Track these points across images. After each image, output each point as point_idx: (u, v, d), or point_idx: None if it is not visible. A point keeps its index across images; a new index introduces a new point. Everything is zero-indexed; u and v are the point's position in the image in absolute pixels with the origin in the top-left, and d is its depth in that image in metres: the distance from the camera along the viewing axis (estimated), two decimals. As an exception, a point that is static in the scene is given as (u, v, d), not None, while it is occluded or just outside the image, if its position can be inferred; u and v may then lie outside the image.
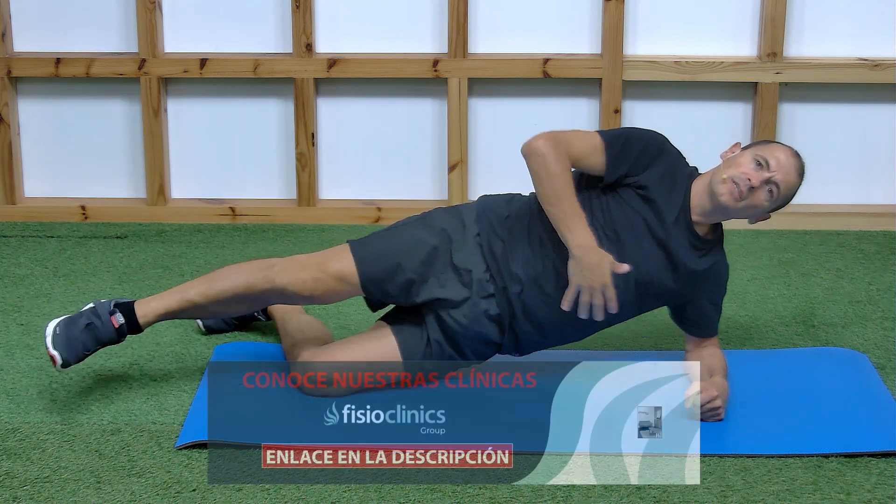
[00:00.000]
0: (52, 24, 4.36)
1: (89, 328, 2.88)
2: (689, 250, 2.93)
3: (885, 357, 3.28)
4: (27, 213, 4.40)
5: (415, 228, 2.99)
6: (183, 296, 2.92)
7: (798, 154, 2.93)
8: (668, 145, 2.96)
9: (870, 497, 2.59)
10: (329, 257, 2.95)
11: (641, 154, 2.91)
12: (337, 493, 2.58)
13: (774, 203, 2.91)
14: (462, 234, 2.96)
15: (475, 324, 2.92)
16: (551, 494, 2.58)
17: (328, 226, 4.36)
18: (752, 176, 2.86)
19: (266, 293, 2.91)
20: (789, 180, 2.89)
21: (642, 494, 2.58)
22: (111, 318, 2.90)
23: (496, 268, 2.92)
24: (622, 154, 2.90)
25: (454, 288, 2.92)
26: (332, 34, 4.36)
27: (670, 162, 2.94)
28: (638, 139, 2.94)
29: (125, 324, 2.91)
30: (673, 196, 2.92)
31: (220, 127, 4.44)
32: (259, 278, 2.89)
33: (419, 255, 2.93)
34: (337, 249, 2.99)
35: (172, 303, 2.92)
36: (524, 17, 4.35)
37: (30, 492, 2.59)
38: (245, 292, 2.90)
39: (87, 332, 2.88)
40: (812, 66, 4.28)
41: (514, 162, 4.44)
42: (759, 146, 2.94)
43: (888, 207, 4.39)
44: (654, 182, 2.91)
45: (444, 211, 3.04)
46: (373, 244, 2.98)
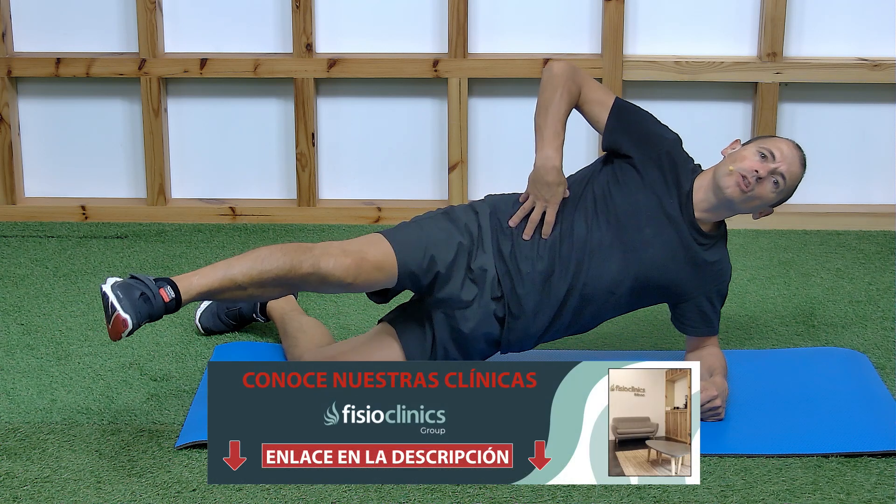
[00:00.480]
0: (52, 24, 4.36)
1: (143, 299, 2.65)
2: (692, 245, 2.94)
3: (885, 357, 3.28)
4: (27, 213, 4.40)
5: (442, 222, 2.97)
6: (226, 274, 2.74)
7: (799, 146, 2.95)
8: (678, 144, 2.99)
9: (870, 497, 2.59)
10: (367, 245, 2.87)
11: (646, 136, 2.95)
12: (337, 493, 2.58)
13: (780, 195, 2.91)
14: (480, 235, 2.97)
15: (482, 325, 2.92)
16: (551, 494, 2.58)
17: (328, 226, 4.36)
18: (758, 167, 2.87)
19: (306, 277, 2.78)
20: (794, 171, 2.91)
21: (642, 494, 2.58)
22: (161, 292, 2.68)
23: (504, 269, 2.93)
24: (626, 125, 2.96)
25: (468, 288, 2.92)
26: (332, 34, 4.36)
27: (674, 156, 2.95)
28: (648, 121, 3.00)
29: (174, 300, 2.69)
30: (677, 188, 2.92)
31: (220, 127, 4.44)
32: (303, 260, 2.76)
33: (451, 248, 2.91)
34: (371, 239, 2.90)
35: (216, 281, 2.74)
36: (524, 17, 4.35)
37: (30, 492, 2.59)
38: (287, 275, 2.75)
39: (142, 302, 2.65)
40: (812, 66, 4.28)
41: (514, 162, 4.45)
42: (761, 140, 2.96)
43: (888, 207, 4.39)
44: (653, 170, 2.92)
45: (462, 209, 3.03)
46: (407, 235, 2.92)
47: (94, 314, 3.53)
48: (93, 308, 3.58)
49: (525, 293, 2.91)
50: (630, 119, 2.99)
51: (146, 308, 2.64)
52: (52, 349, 3.30)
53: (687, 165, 2.97)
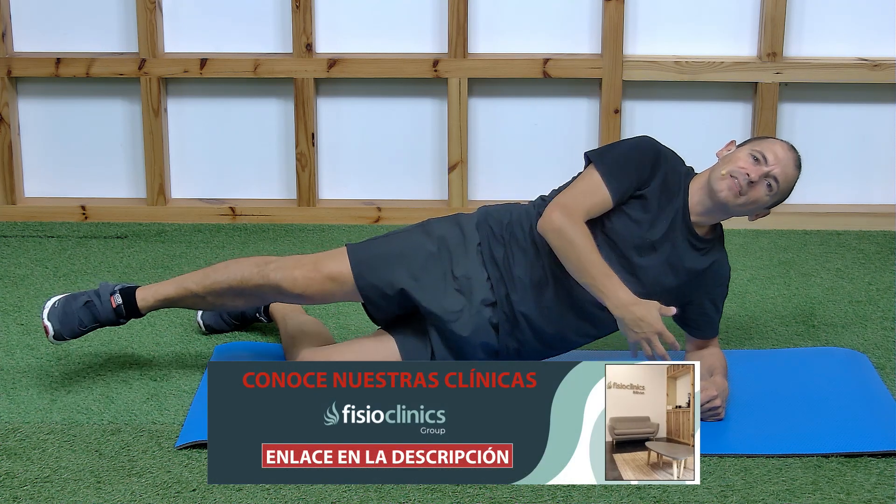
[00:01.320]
0: (52, 24, 4.36)
1: (87, 305, 2.94)
2: (689, 250, 2.93)
3: (885, 357, 3.28)
4: (27, 213, 4.40)
5: (413, 234, 3.00)
6: (181, 284, 2.98)
7: (793, 147, 2.94)
8: (661, 147, 2.96)
9: (870, 497, 2.59)
10: (325, 257, 2.98)
11: (640, 167, 2.90)
12: (337, 493, 2.58)
13: (774, 197, 2.91)
14: (462, 244, 2.96)
15: (477, 334, 2.92)
16: (551, 494, 2.58)
17: (328, 226, 4.36)
18: (750, 171, 2.86)
19: (260, 288, 2.95)
20: (787, 173, 2.89)
21: (642, 494, 2.58)
22: (110, 298, 2.96)
23: (497, 274, 2.93)
24: (622, 178, 2.88)
25: (452, 299, 2.91)
26: (332, 34, 4.36)
27: (668, 165, 2.94)
28: (631, 156, 2.91)
29: (123, 304, 2.96)
30: (673, 202, 2.91)
31: (220, 127, 4.44)
32: (254, 273, 2.94)
33: (417, 259, 2.93)
34: (334, 251, 3.01)
35: (171, 290, 2.98)
36: (524, 17, 4.35)
37: (30, 492, 2.59)
38: (240, 285, 2.94)
39: (85, 308, 2.94)
40: (812, 66, 4.28)
41: (514, 162, 4.45)
42: (755, 142, 2.95)
43: (888, 207, 4.39)
44: (654, 193, 2.91)
45: (442, 220, 3.04)
46: (370, 247, 2.98)
47: (94, 314, 3.54)
48: (93, 308, 3.58)
49: (518, 299, 2.91)
50: (622, 172, 2.89)
51: (89, 313, 2.93)
52: (52, 349, 3.29)
53: (680, 168, 2.95)
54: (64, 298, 2.96)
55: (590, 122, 4.38)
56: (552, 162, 4.38)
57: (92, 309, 2.95)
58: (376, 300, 2.95)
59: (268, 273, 2.93)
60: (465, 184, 4.38)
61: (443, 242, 2.96)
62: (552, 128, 4.40)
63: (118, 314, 2.97)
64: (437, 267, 2.93)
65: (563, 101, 4.38)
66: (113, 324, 2.98)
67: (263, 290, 2.95)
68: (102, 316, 2.96)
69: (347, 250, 2.98)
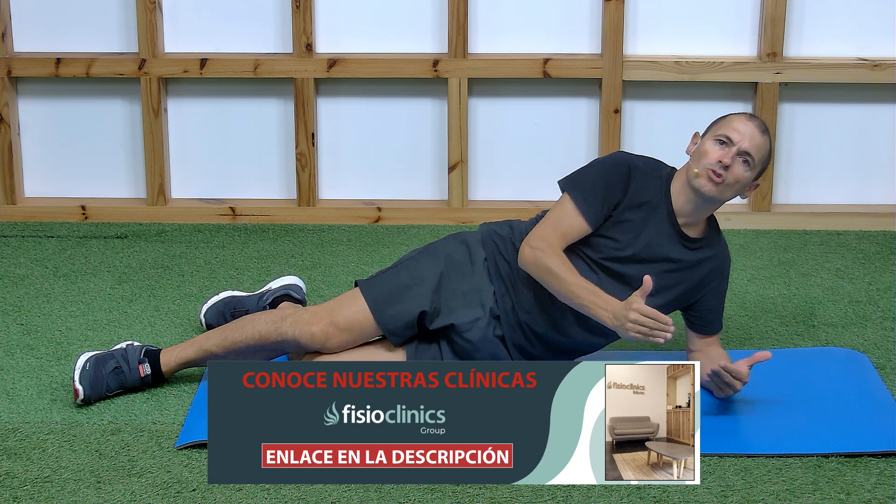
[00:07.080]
0: (52, 24, 4.36)
1: (116, 372, 3.00)
2: (684, 252, 2.94)
3: (885, 357, 3.28)
4: (27, 213, 4.40)
5: (420, 260, 3.02)
6: (202, 346, 3.03)
7: (753, 115, 2.93)
8: (633, 160, 2.95)
9: (870, 497, 2.59)
10: (339, 305, 2.98)
11: (612, 187, 2.90)
12: (337, 493, 2.58)
13: (755, 169, 2.89)
14: (469, 260, 2.99)
15: (485, 344, 2.93)
16: (551, 494, 2.58)
17: (328, 226, 4.36)
18: (720, 156, 2.86)
19: (280, 344, 2.99)
20: (757, 143, 2.87)
21: (642, 494, 2.58)
22: (139, 367, 3.02)
23: (503, 289, 2.95)
24: (595, 202, 2.89)
25: (464, 311, 2.95)
26: (332, 34, 4.36)
27: (643, 177, 2.93)
28: (602, 177, 2.91)
29: (150, 375, 3.03)
30: (657, 212, 2.91)
31: (220, 127, 4.44)
32: (271, 330, 2.97)
33: (429, 285, 2.96)
34: (347, 295, 3.01)
35: (192, 353, 3.04)
36: (524, 17, 4.35)
37: (30, 492, 2.59)
38: (259, 343, 2.98)
39: (114, 375, 2.99)
40: (812, 66, 4.28)
41: (514, 162, 4.45)
42: (715, 126, 2.93)
43: (888, 207, 4.39)
44: (633, 209, 2.90)
45: (445, 239, 3.07)
46: (382, 283, 2.99)
47: (94, 314, 3.54)
48: (93, 308, 3.58)
49: (525, 312, 2.94)
50: (594, 196, 2.90)
51: (116, 380, 2.99)
52: (52, 349, 3.29)
53: (659, 172, 2.94)
54: (94, 359, 2.99)
55: (590, 122, 4.38)
56: (552, 162, 4.38)
57: (120, 376, 3.00)
58: (398, 331, 2.96)
59: (284, 330, 2.96)
60: (465, 184, 4.38)
61: (451, 261, 3.00)
62: (552, 128, 4.40)
63: (144, 383, 3.03)
64: (448, 287, 2.96)
65: (563, 101, 4.38)
66: (137, 390, 3.04)
67: (284, 346, 3.00)
68: (129, 384, 3.01)
69: (361, 292, 2.98)
